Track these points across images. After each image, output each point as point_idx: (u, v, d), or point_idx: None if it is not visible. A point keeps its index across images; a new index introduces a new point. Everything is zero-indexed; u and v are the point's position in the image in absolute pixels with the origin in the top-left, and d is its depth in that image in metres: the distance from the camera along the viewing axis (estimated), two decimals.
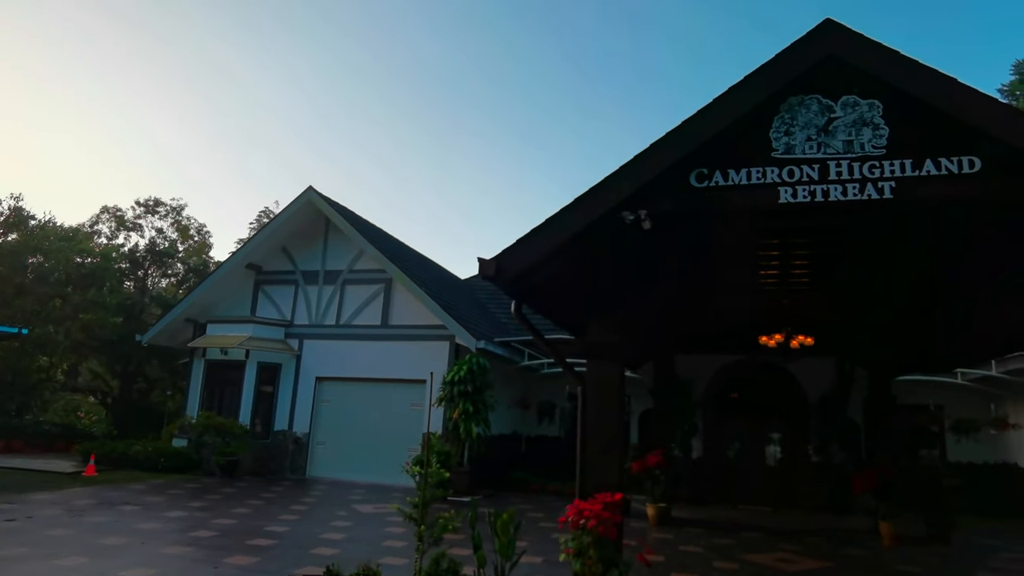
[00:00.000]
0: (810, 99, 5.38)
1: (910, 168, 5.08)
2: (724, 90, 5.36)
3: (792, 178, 5.25)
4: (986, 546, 10.73)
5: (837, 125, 5.28)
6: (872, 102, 5.26)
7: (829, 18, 5.37)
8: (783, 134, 5.37)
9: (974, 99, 4.91)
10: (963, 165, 5.02)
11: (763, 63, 5.39)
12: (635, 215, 5.57)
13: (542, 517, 11.36)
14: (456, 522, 5.97)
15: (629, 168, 5.52)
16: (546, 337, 6.64)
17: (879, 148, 5.16)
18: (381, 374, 15.81)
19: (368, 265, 16.58)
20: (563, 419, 17.43)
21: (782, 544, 10.05)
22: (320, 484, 14.70)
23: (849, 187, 5.13)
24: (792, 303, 8.99)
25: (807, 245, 7.15)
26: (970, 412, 15.20)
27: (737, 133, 5.43)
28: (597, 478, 5.76)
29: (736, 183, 5.39)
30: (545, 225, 5.68)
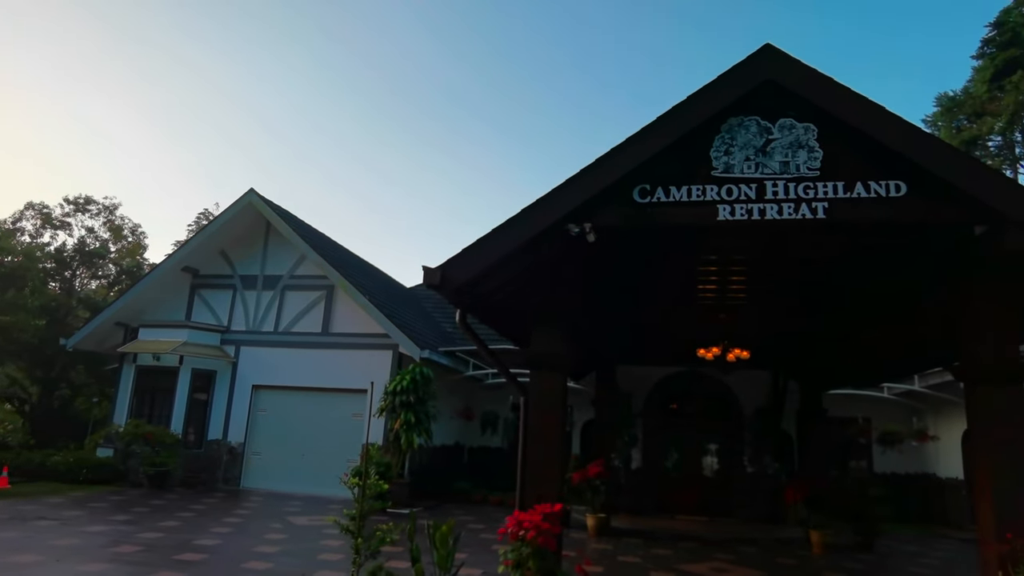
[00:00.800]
0: (749, 120, 5.56)
1: (842, 190, 5.30)
2: (667, 109, 5.50)
3: (730, 196, 5.41)
4: (907, 552, 11.23)
5: (774, 146, 5.48)
6: (808, 125, 5.47)
7: (769, 44, 5.57)
8: (723, 153, 5.52)
9: (900, 127, 5.17)
10: (890, 189, 5.27)
11: (705, 84, 5.56)
12: (580, 228, 5.64)
13: (483, 528, 11.29)
14: (394, 534, 5.87)
15: (575, 181, 5.58)
16: (490, 347, 6.64)
17: (814, 170, 5.37)
18: (321, 383, 15.47)
19: (310, 271, 16.24)
20: (506, 429, 17.41)
21: (717, 554, 10.26)
22: (255, 495, 14.24)
23: (785, 206, 5.31)
24: (729, 317, 9.25)
25: (744, 261, 7.36)
26: (895, 425, 15.92)
27: (679, 151, 5.56)
28: (537, 489, 5.77)
29: (677, 200, 5.52)
30: (491, 235, 5.69)
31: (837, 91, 5.30)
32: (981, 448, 5.32)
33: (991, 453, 5.19)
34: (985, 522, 5.25)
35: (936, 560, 10.62)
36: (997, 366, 5.29)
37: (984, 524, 5.28)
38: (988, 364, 5.32)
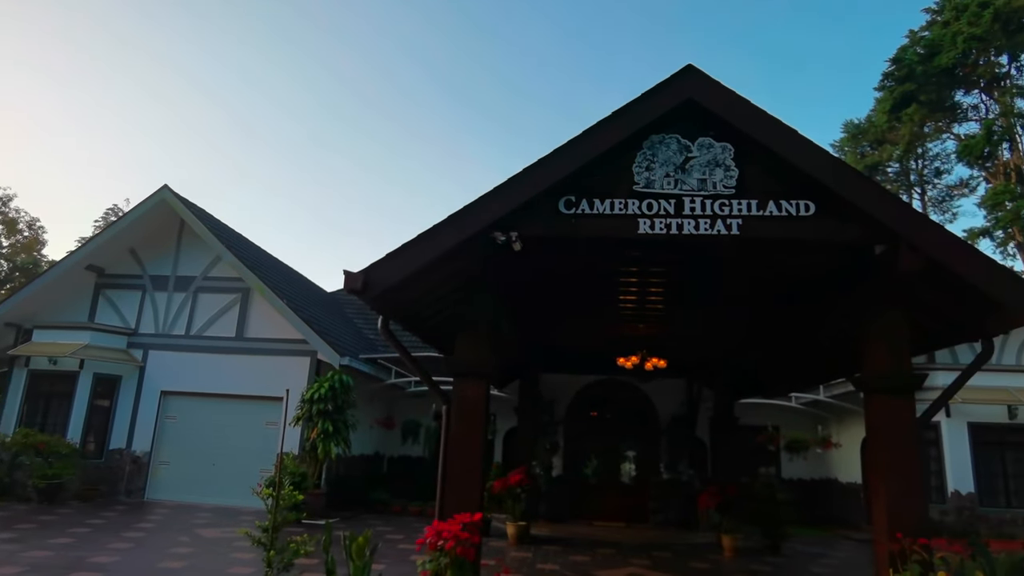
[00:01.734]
0: (670, 138, 5.74)
1: (755, 208, 5.54)
2: (592, 124, 5.60)
3: (651, 211, 5.56)
4: (811, 553, 11.81)
5: (693, 164, 5.67)
6: (725, 145, 5.70)
7: (691, 64, 5.76)
8: (644, 169, 5.68)
9: (811, 150, 5.46)
10: (800, 208, 5.56)
11: (629, 101, 5.69)
12: (507, 236, 5.67)
13: (402, 539, 11.11)
14: (309, 546, 5.70)
15: (502, 190, 5.60)
16: (413, 355, 6.56)
17: (729, 188, 5.59)
18: (235, 390, 14.86)
19: (225, 273, 15.61)
20: (428, 439, 17.23)
21: (634, 559, 10.48)
22: (161, 508, 13.50)
23: (701, 222, 5.51)
24: (649, 327, 9.51)
25: (663, 274, 7.58)
26: (801, 433, 16.75)
27: (603, 165, 5.68)
28: (458, 498, 5.72)
29: (600, 212, 5.62)
30: (416, 241, 5.62)
31: (753, 113, 5.55)
32: (876, 453, 5.66)
33: (884, 458, 5.53)
34: (879, 523, 5.59)
35: (836, 560, 11.22)
36: (892, 377, 5.65)
37: (878, 525, 5.62)
38: (884, 375, 5.68)
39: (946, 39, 34.17)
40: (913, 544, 5.21)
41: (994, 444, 15.32)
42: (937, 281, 5.65)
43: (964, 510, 14.84)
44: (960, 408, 15.03)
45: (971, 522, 14.59)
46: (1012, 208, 31.58)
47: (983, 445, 15.28)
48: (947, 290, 5.77)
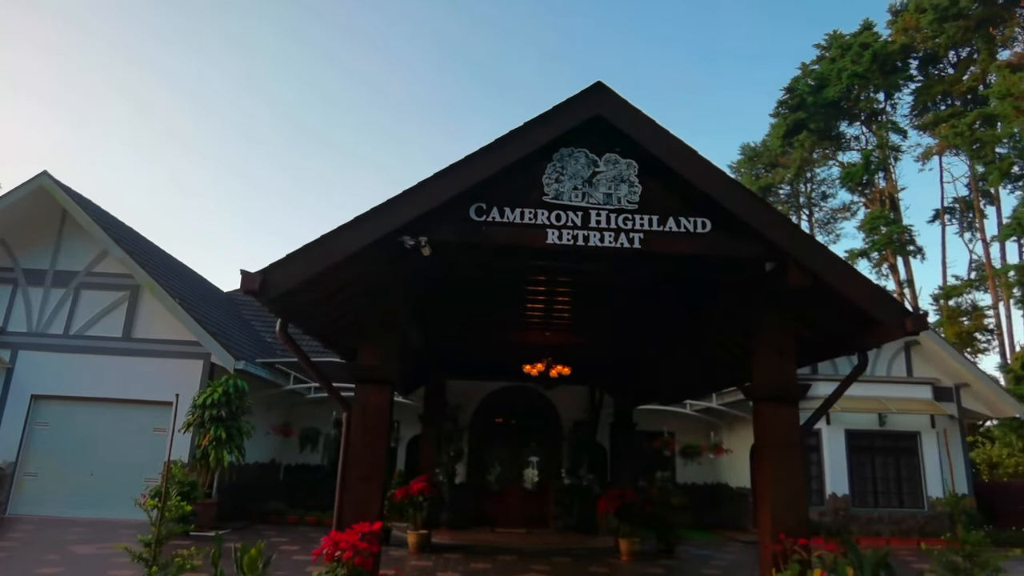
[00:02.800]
0: (579, 152, 5.87)
1: (656, 223, 5.76)
2: (504, 133, 5.64)
3: (559, 222, 5.66)
4: (702, 556, 12.32)
5: (600, 178, 5.82)
6: (630, 162, 5.88)
7: (600, 81, 5.92)
8: (554, 180, 5.77)
9: (708, 171, 5.73)
10: (697, 225, 5.82)
11: (540, 114, 5.76)
12: (415, 241, 5.60)
13: (298, 550, 10.71)
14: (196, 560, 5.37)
15: (412, 194, 5.53)
16: (313, 360, 6.35)
17: (633, 203, 5.78)
18: (119, 394, 13.87)
19: (112, 268, 14.56)
20: (327, 446, 16.74)
21: (533, 565, 10.57)
22: (26, 523, 12.38)
23: (606, 235, 5.66)
24: (554, 335, 9.67)
25: (569, 284, 7.73)
26: (695, 439, 17.51)
27: (514, 174, 5.73)
28: (357, 508, 5.58)
29: (511, 221, 5.67)
30: (320, 242, 5.45)
31: (656, 133, 5.77)
32: (762, 459, 5.99)
33: (770, 463, 5.86)
34: (763, 525, 5.91)
35: (725, 562, 11.76)
36: (778, 386, 6.01)
37: (763, 527, 5.94)
38: (771, 384, 6.02)
39: (833, 74, 36.95)
40: (794, 544, 5.54)
41: (866, 449, 16.58)
42: (821, 298, 6.06)
43: (839, 511, 15.95)
44: (838, 416, 16.16)
45: (845, 522, 15.70)
46: (885, 232, 34.40)
47: (857, 450, 16.51)
48: (829, 306, 6.20)
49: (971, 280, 34.14)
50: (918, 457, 16.72)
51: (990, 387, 17.65)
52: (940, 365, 17.45)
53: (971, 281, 34.06)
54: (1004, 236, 30.53)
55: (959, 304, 33.57)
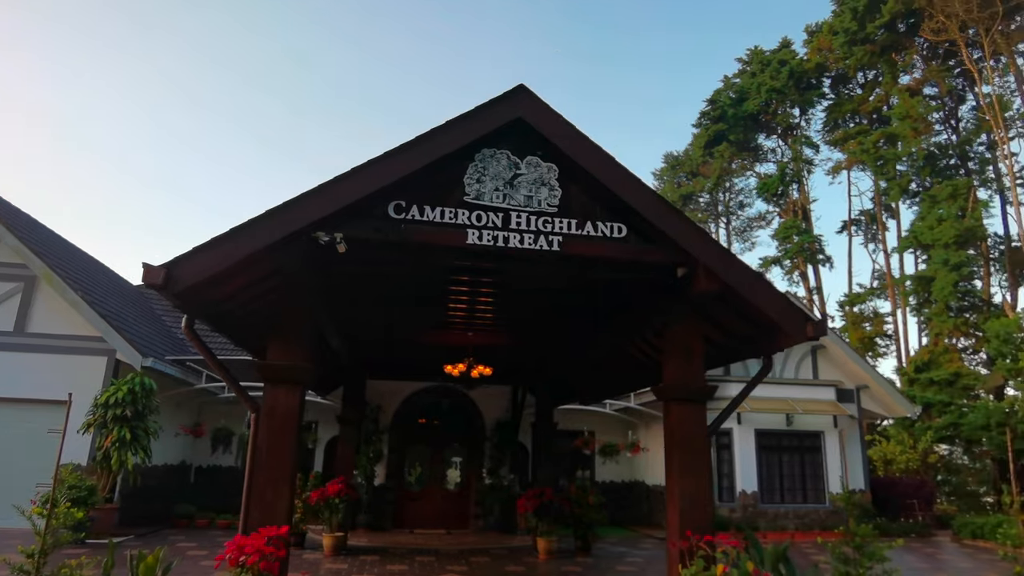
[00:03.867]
0: (501, 153, 5.89)
1: (575, 227, 5.84)
2: (426, 131, 5.59)
3: (480, 222, 5.66)
4: (618, 553, 12.60)
5: (521, 180, 5.86)
6: (551, 165, 5.94)
7: (522, 84, 5.96)
8: (475, 181, 5.77)
9: (625, 177, 5.86)
10: (614, 230, 5.94)
11: (462, 113, 5.75)
12: (331, 237, 5.47)
13: (206, 555, 10.31)
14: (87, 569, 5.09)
15: (327, 189, 5.40)
16: (223, 357, 6.11)
17: (553, 206, 5.84)
18: (11, 392, 12.91)
19: (5, 258, 13.56)
20: (241, 447, 16.15)
21: (451, 566, 10.54)
22: None
23: (526, 237, 5.70)
24: (476, 335, 9.66)
25: (491, 284, 7.74)
26: (613, 438, 17.88)
27: (435, 173, 5.68)
28: (264, 511, 5.40)
29: (431, 219, 5.62)
30: (230, 235, 5.24)
31: (576, 138, 5.85)
32: (671, 458, 6.18)
33: (678, 462, 6.05)
34: (672, 522, 6.10)
35: (640, 558, 12.08)
36: (687, 387, 6.21)
37: (671, 524, 6.13)
38: (680, 385, 6.22)
39: (752, 88, 38.57)
40: (699, 541, 5.74)
41: (774, 448, 17.38)
42: (729, 303, 6.31)
43: (749, 507, 16.65)
44: (749, 416, 16.87)
45: (754, 518, 16.42)
46: (797, 241, 36.18)
47: (766, 449, 17.29)
48: (737, 311, 6.46)
49: (873, 288, 36.37)
50: (822, 455, 17.67)
51: (886, 389, 18.87)
52: (843, 368, 18.52)
53: (873, 289, 36.29)
54: (903, 248, 32.67)
55: (862, 311, 35.70)
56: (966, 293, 29.13)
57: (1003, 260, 31.03)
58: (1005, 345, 21.82)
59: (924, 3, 28.96)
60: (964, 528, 16.32)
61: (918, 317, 31.48)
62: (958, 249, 27.75)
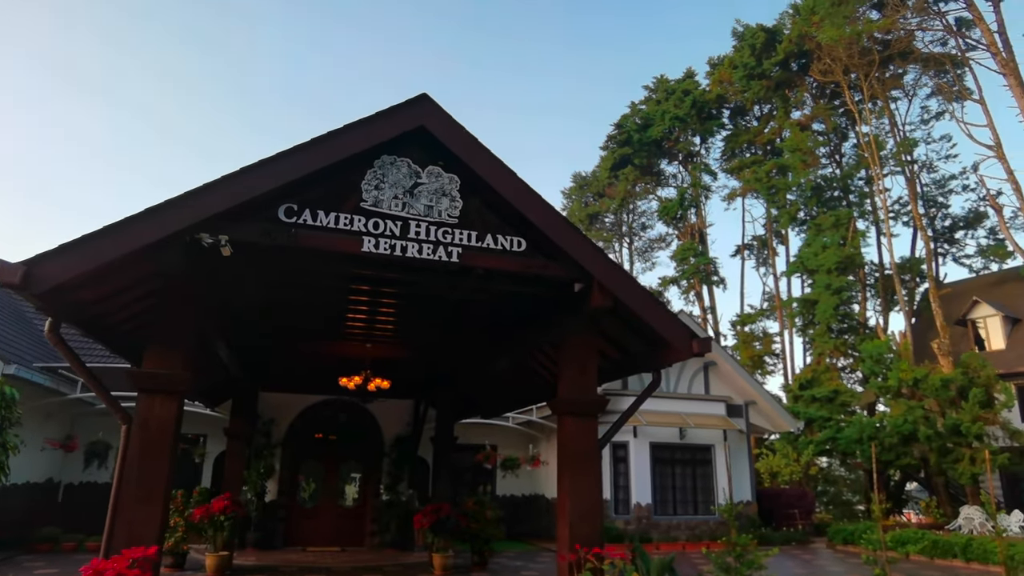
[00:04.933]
0: (401, 161, 5.81)
1: (475, 239, 5.84)
2: (321, 134, 5.44)
3: (377, 230, 5.55)
4: (514, 567, 12.60)
5: (422, 190, 5.80)
6: (453, 176, 5.92)
7: (426, 93, 5.93)
8: (374, 187, 5.66)
9: (525, 192, 5.92)
10: (513, 244, 5.98)
11: (363, 118, 5.65)
12: (215, 239, 5.21)
13: None
14: None
15: (213, 188, 5.13)
16: (91, 366, 5.66)
17: (453, 217, 5.82)
18: None
19: None
20: None
21: None
22: None
23: (425, 247, 5.64)
24: (376, 347, 9.45)
25: (391, 295, 7.60)
26: (514, 451, 17.94)
27: (331, 177, 5.53)
28: (131, 531, 5.01)
29: (324, 225, 5.46)
30: (104, 232, 4.86)
31: (478, 150, 5.87)
32: (562, 471, 6.23)
33: (569, 475, 6.12)
34: (561, 535, 6.14)
35: (535, 571, 12.12)
36: (580, 401, 6.31)
37: (560, 537, 6.17)
38: (573, 398, 6.31)
39: (657, 115, 40.20)
40: (588, 554, 5.81)
41: (667, 461, 17.98)
42: (622, 319, 6.48)
43: (643, 519, 17.11)
44: (644, 430, 17.38)
45: (648, 529, 16.87)
46: (694, 263, 37.88)
47: (660, 462, 17.85)
48: (630, 327, 6.65)
49: (763, 309, 38.56)
50: (712, 468, 18.43)
51: (772, 405, 19.97)
52: (733, 384, 19.45)
53: (763, 310, 38.47)
54: (790, 272, 34.88)
55: (752, 330, 37.71)
56: (845, 316, 31.39)
57: (877, 286, 33.72)
58: (877, 365, 23.61)
59: (814, 46, 31.19)
60: (837, 535, 17.43)
61: (803, 337, 33.60)
62: (839, 275, 29.87)
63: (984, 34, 23.32)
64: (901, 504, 26.65)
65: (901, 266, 31.48)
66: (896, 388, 22.46)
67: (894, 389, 22.54)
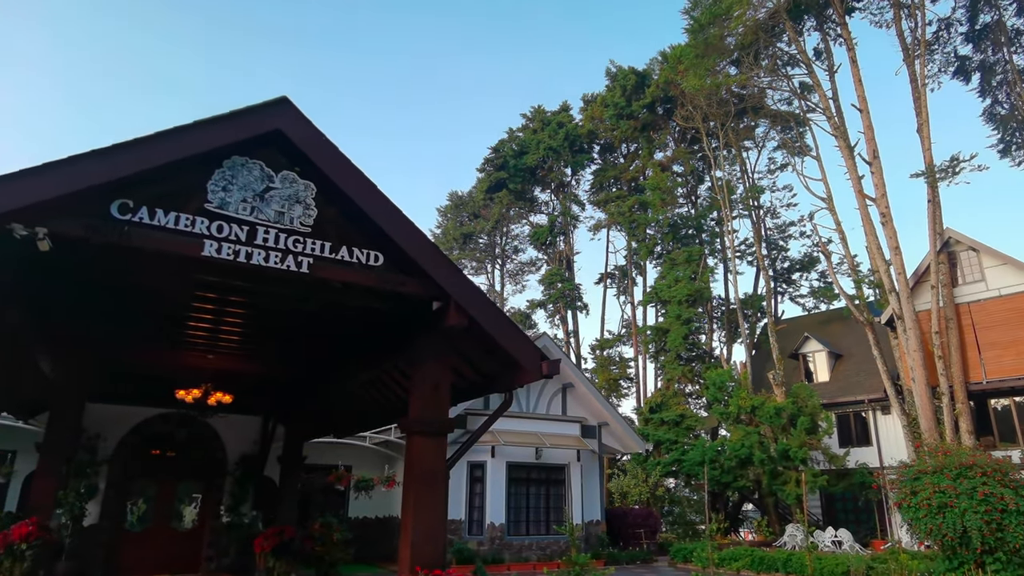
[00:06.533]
0: (254, 163, 5.55)
1: (329, 250, 5.66)
2: (165, 129, 5.09)
3: (220, 233, 5.24)
4: None
5: (274, 195, 5.56)
6: (308, 184, 5.73)
7: (286, 96, 5.72)
8: (221, 189, 5.35)
9: (385, 206, 5.84)
10: (370, 257, 5.87)
11: (214, 116, 5.35)
12: (30, 231, 4.68)
13: None
14: None
15: (32, 175, 4.63)
16: None
17: (306, 226, 5.61)
18: None
19: None
20: None
21: None
22: None
23: (273, 255, 5.39)
24: (220, 359, 8.88)
25: (236, 304, 7.18)
26: (368, 472, 17.45)
27: (175, 174, 5.18)
28: None
29: (162, 225, 5.08)
30: None
31: (338, 159, 5.73)
32: (408, 491, 6.12)
33: (415, 495, 6.01)
34: (403, 556, 6.00)
35: None
36: (430, 420, 6.24)
37: (402, 559, 6.03)
38: (424, 418, 6.24)
39: (533, 144, 41.42)
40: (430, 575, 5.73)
41: (523, 480, 18.25)
42: (477, 339, 6.51)
43: (496, 540, 17.19)
44: (502, 449, 17.56)
45: (500, 550, 16.98)
46: (560, 288, 39.17)
47: (516, 482, 18.08)
48: (485, 347, 6.69)
49: (620, 335, 40.46)
50: (566, 487, 18.93)
51: (623, 427, 20.90)
52: (588, 406, 20.17)
53: (620, 336, 40.37)
54: (646, 302, 36.93)
55: (610, 355, 39.41)
56: (694, 345, 33.65)
57: (723, 319, 36.47)
58: (719, 392, 25.45)
59: (679, 93, 33.51)
60: (679, 553, 18.45)
61: (655, 363, 35.55)
62: (689, 307, 32.00)
63: (821, 99, 26.10)
64: (738, 523, 28.75)
65: (744, 301, 34.26)
66: (736, 414, 24.32)
67: (734, 415, 24.38)
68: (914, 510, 9.11)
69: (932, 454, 9.99)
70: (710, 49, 27.92)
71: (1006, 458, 11.65)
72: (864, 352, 25.91)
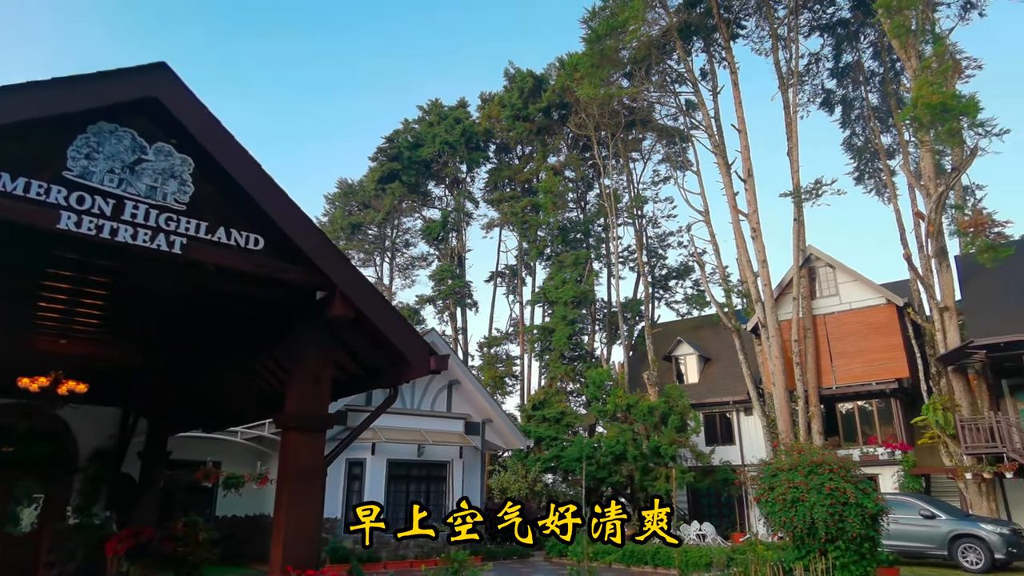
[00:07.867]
0: (125, 132, 5.09)
1: (204, 230, 5.29)
2: (19, 82, 4.55)
3: (81, 205, 4.76)
4: None
5: (146, 168, 5.12)
6: (185, 158, 5.33)
7: (164, 62, 5.29)
8: (84, 156, 4.86)
9: (268, 186, 5.54)
10: (250, 241, 5.53)
11: (81, 74, 4.86)
12: None
13: None
14: None
15: None
16: None
17: (181, 203, 5.22)
18: None
19: None
20: None
21: None
22: None
23: (141, 232, 4.96)
24: (74, 344, 8.08)
25: (98, 284, 6.55)
26: (239, 469, 16.58)
27: (28, 135, 4.65)
28: None
29: (9, 191, 4.53)
30: None
31: (220, 134, 5.37)
32: (282, 489, 5.83)
33: (289, 493, 5.74)
34: (275, 556, 5.71)
35: None
36: (309, 415, 5.98)
37: (273, 559, 5.74)
38: (302, 413, 5.96)
39: (429, 137, 41.03)
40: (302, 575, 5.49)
41: (403, 477, 18.02)
42: (363, 332, 6.31)
43: None
44: (383, 447, 17.25)
45: (378, 548, 16.63)
46: (450, 285, 39.07)
47: (396, 479, 17.82)
48: (371, 340, 6.49)
49: (508, 334, 40.94)
50: (447, 484, 18.88)
51: (506, 423, 21.14)
52: (474, 403, 20.23)
53: (508, 334, 40.85)
54: (533, 301, 37.61)
55: (497, 352, 39.78)
56: (577, 345, 34.63)
57: (604, 321, 37.78)
58: (598, 391, 26.34)
59: (573, 100, 34.33)
60: (554, 548, 18.86)
61: (540, 362, 36.27)
62: (574, 308, 32.90)
63: (704, 118, 27.67)
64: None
65: (625, 305, 35.66)
66: (612, 412, 25.26)
67: (611, 413, 25.32)
68: (771, 505, 9.81)
69: (788, 453, 10.80)
70: (605, 60, 28.83)
71: (848, 456, 12.94)
72: (731, 356, 27.70)
